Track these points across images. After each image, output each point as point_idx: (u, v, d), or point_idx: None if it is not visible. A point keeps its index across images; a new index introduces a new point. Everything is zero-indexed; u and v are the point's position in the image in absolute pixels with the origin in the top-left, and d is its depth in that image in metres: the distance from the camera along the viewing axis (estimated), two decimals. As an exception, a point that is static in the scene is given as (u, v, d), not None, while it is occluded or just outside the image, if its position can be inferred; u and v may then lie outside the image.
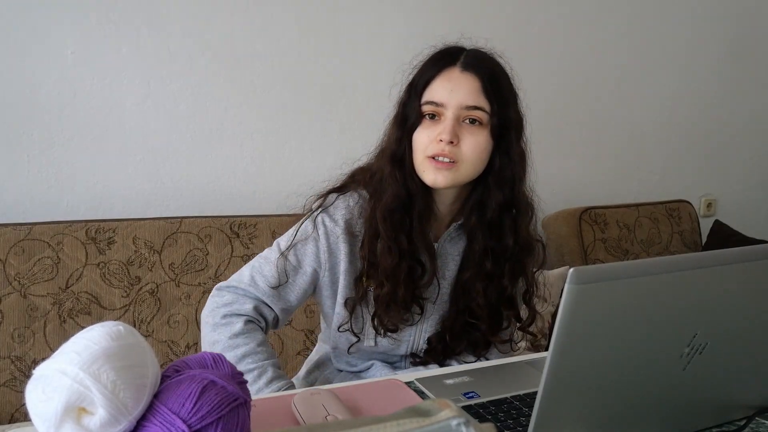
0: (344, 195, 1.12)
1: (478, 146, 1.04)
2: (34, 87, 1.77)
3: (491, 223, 1.09)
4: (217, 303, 1.11)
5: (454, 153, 1.03)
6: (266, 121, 2.03)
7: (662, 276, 0.65)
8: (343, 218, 1.09)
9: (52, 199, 1.83)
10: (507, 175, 1.09)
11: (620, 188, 2.65)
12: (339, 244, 1.09)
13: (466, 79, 1.04)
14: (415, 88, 1.07)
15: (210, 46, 1.94)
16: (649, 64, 2.62)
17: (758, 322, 0.75)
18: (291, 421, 0.80)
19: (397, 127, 1.08)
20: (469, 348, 1.15)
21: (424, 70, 1.07)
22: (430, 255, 1.09)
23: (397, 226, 1.06)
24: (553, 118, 2.48)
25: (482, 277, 1.10)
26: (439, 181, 1.04)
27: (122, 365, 0.61)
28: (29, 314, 1.62)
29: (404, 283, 1.06)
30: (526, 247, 1.12)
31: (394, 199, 1.06)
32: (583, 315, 0.62)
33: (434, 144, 1.03)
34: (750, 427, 0.81)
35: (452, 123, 1.02)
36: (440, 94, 1.04)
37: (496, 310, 1.12)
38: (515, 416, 0.84)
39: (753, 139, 2.91)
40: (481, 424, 0.52)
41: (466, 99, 1.03)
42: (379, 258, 1.06)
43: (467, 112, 1.04)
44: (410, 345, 1.16)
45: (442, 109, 1.04)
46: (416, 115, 1.06)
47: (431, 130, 1.04)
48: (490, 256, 1.10)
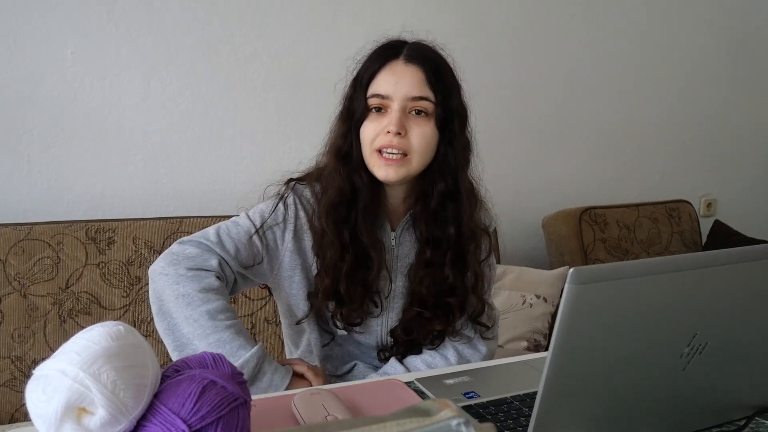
0: (304, 185, 1.13)
1: (425, 137, 1.05)
2: (34, 87, 1.78)
3: (434, 212, 1.09)
4: (179, 255, 1.04)
5: (402, 145, 1.03)
6: (266, 121, 2.03)
7: (662, 276, 0.65)
8: (311, 206, 1.10)
9: (52, 199, 1.83)
10: (450, 165, 1.08)
11: (620, 188, 2.65)
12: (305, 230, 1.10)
13: (410, 70, 1.05)
14: (360, 82, 1.07)
15: (210, 46, 1.94)
16: (650, 65, 2.62)
17: (758, 322, 0.75)
18: (291, 421, 0.80)
19: (343, 122, 1.09)
20: (427, 339, 1.15)
21: (367, 65, 1.08)
22: (376, 249, 1.09)
23: (339, 221, 1.06)
24: (554, 118, 2.48)
25: (423, 265, 1.11)
26: (391, 176, 1.04)
27: (122, 365, 0.61)
28: (29, 314, 1.62)
29: (348, 277, 1.06)
30: (469, 235, 1.11)
31: (337, 194, 1.06)
32: (583, 315, 0.62)
33: (381, 136, 1.04)
34: (750, 427, 0.81)
35: (399, 114, 1.03)
36: (385, 87, 1.05)
37: (442, 300, 1.12)
38: (515, 416, 0.84)
39: (753, 139, 2.91)
40: (481, 424, 0.52)
41: (411, 90, 1.04)
42: (325, 251, 1.07)
43: (413, 103, 1.04)
44: (378, 338, 1.16)
45: (388, 102, 1.05)
46: (362, 109, 1.06)
47: (378, 122, 1.05)
48: (430, 244, 1.10)
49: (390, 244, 1.13)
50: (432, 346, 1.14)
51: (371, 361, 1.19)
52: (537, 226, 2.42)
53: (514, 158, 2.43)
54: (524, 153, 2.45)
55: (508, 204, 2.40)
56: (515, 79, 2.39)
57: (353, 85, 1.09)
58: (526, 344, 2.03)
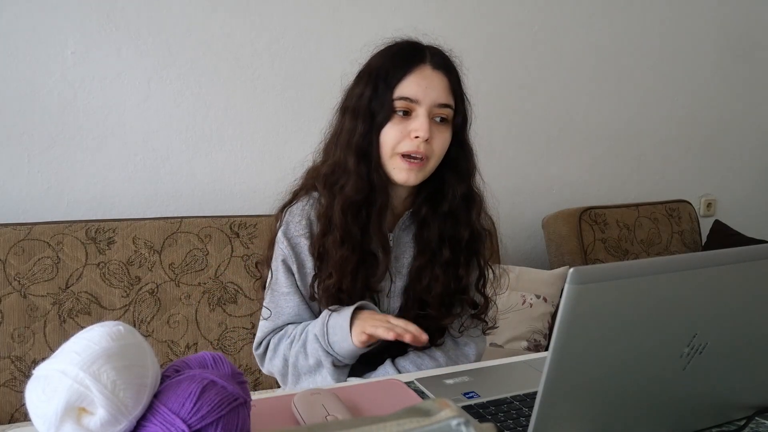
0: (294, 204, 1.14)
1: (445, 143, 1.08)
2: (34, 87, 1.78)
3: (449, 214, 1.12)
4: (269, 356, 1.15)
5: (427, 151, 1.05)
6: (266, 121, 2.03)
7: (662, 276, 0.65)
8: (301, 224, 1.11)
9: (52, 199, 1.83)
10: (464, 167, 1.12)
11: (620, 188, 2.65)
12: (301, 246, 1.11)
13: (438, 77, 1.07)
14: (385, 82, 1.06)
15: (210, 46, 1.94)
16: (650, 65, 2.62)
17: (758, 322, 0.75)
18: (291, 421, 0.80)
19: (363, 121, 1.08)
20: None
21: (390, 65, 1.07)
22: (384, 249, 1.10)
23: (354, 219, 1.07)
24: (554, 118, 2.48)
25: (440, 264, 1.12)
26: (411, 180, 1.07)
27: (122, 365, 0.61)
28: (29, 314, 1.62)
29: (352, 275, 1.07)
30: (479, 236, 1.15)
31: (356, 192, 1.07)
32: (583, 315, 0.62)
33: (408, 141, 1.05)
34: (750, 427, 0.81)
35: (427, 120, 1.04)
36: (415, 91, 1.05)
37: (451, 298, 1.13)
38: (515, 416, 0.84)
39: (753, 139, 2.91)
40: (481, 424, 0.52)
41: (439, 97, 1.06)
42: (330, 250, 1.08)
43: (438, 110, 1.06)
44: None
45: (415, 105, 1.05)
46: (387, 111, 1.06)
47: (403, 126, 1.05)
48: (447, 244, 1.12)
49: (388, 245, 1.13)
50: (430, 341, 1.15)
51: (366, 362, 1.18)
52: (537, 226, 2.42)
53: (514, 158, 2.43)
54: (524, 153, 2.45)
55: (508, 204, 2.40)
56: (515, 79, 2.39)
57: (373, 83, 1.07)
58: (526, 344, 2.03)
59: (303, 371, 1.10)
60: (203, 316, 1.75)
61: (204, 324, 1.75)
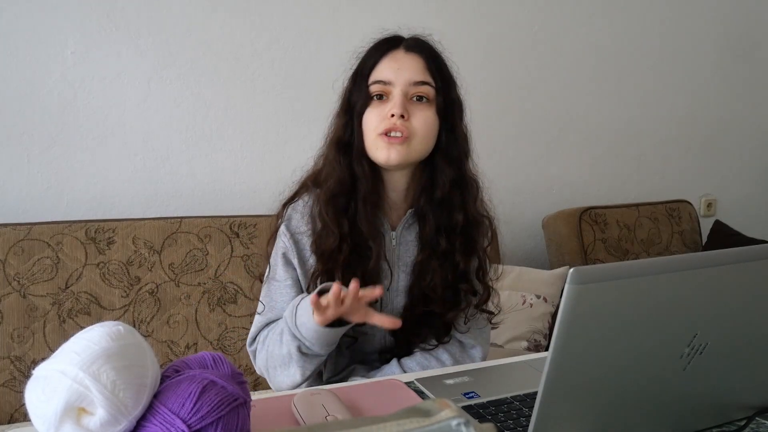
0: (295, 202, 1.15)
1: (427, 121, 1.07)
2: (34, 87, 1.77)
3: (442, 201, 1.11)
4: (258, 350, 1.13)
5: (405, 127, 1.05)
6: (266, 121, 2.03)
7: (662, 276, 0.65)
8: (303, 220, 1.12)
9: (52, 199, 1.83)
10: (454, 153, 1.11)
11: (620, 188, 2.65)
12: (304, 242, 1.11)
13: (411, 58, 1.08)
14: (361, 73, 1.09)
15: (210, 46, 1.94)
16: (650, 65, 2.62)
17: (758, 322, 0.75)
18: (291, 421, 0.80)
19: (343, 114, 1.10)
20: (431, 334, 1.15)
21: (367, 57, 1.10)
22: (375, 239, 1.09)
23: (339, 210, 1.07)
24: (554, 118, 2.48)
25: (438, 255, 1.11)
26: (393, 158, 1.05)
27: (122, 365, 0.61)
28: (29, 314, 1.62)
29: (344, 266, 1.07)
30: (475, 222, 1.13)
31: (336, 183, 1.08)
32: (583, 315, 0.62)
33: (386, 120, 1.05)
34: (750, 427, 0.81)
35: (402, 98, 1.05)
36: (387, 73, 1.07)
37: (452, 289, 1.12)
38: (515, 416, 0.84)
39: (753, 139, 2.91)
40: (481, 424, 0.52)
41: (413, 75, 1.06)
42: (323, 244, 1.08)
43: (415, 89, 1.07)
44: (379, 339, 1.16)
45: (389, 87, 1.06)
46: (364, 98, 1.08)
47: (380, 109, 1.06)
48: (443, 233, 1.11)
49: (390, 243, 1.13)
50: (435, 343, 1.14)
51: (372, 363, 1.18)
52: (537, 226, 2.42)
53: (514, 158, 2.43)
54: (524, 153, 2.45)
55: (508, 204, 2.39)
56: (515, 79, 2.39)
57: (353, 78, 1.11)
58: (526, 344, 2.02)
59: (277, 363, 1.07)
60: (203, 316, 1.75)
61: (204, 324, 1.75)
